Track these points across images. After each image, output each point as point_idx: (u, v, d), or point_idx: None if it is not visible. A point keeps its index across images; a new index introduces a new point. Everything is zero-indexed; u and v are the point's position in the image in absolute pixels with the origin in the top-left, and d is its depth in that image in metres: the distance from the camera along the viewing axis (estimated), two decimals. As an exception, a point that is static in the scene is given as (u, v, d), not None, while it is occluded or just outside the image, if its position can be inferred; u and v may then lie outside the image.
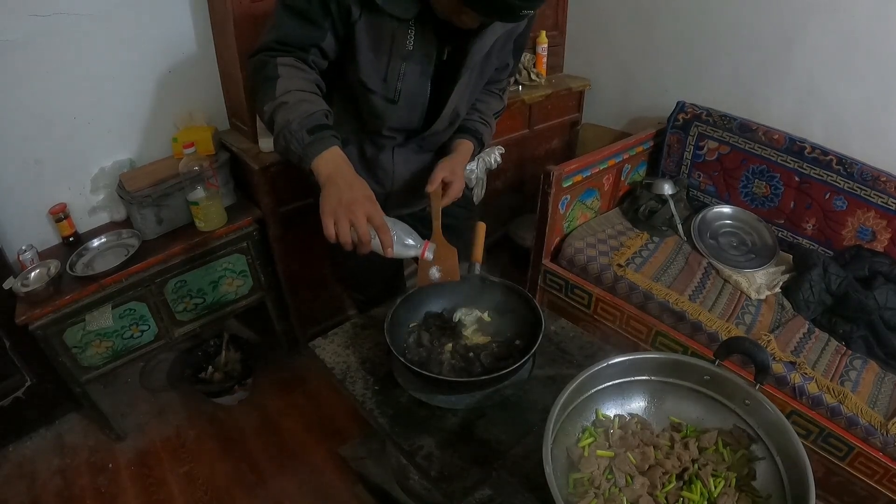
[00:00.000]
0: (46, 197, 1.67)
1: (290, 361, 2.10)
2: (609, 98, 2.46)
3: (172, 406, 1.96)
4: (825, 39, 1.73)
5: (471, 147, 1.18)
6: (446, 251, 1.02)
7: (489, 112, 1.24)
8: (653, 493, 0.77)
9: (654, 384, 0.90)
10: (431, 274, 1.02)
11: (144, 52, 1.70)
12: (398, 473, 1.32)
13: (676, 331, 1.66)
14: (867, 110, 1.72)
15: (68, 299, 1.50)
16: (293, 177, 1.73)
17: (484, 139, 1.21)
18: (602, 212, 2.14)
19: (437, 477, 0.86)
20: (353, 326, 1.17)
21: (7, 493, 1.66)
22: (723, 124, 1.97)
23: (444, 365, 1.00)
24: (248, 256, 1.80)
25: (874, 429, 1.33)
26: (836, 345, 1.57)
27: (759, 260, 1.87)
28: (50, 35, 1.52)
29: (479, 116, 1.21)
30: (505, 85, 1.28)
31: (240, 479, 1.69)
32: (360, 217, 0.87)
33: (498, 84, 1.25)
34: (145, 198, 1.61)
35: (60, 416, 1.90)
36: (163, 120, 1.83)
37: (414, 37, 0.96)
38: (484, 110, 1.23)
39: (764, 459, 0.80)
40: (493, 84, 1.23)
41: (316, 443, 1.80)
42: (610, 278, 1.79)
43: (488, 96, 1.24)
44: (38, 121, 1.59)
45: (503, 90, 1.28)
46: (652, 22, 2.17)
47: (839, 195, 1.75)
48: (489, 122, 1.23)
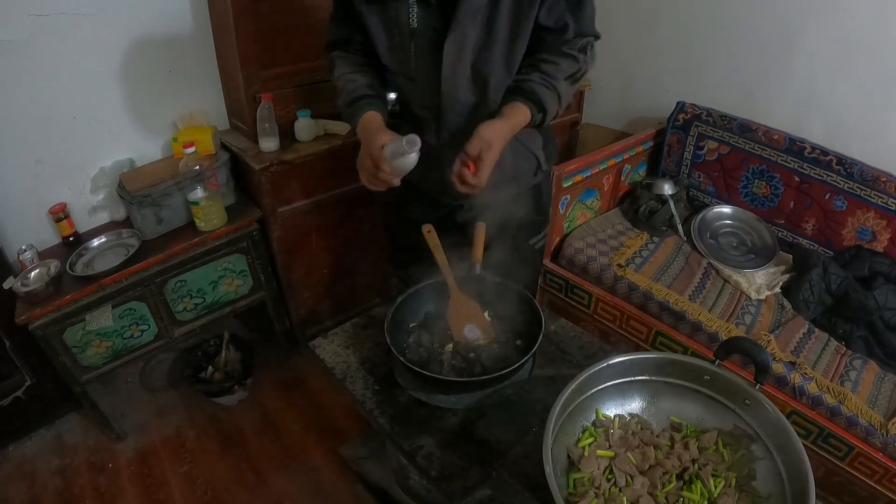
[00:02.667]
0: (46, 197, 1.67)
1: (290, 361, 2.10)
2: (609, 98, 2.46)
3: (172, 406, 1.95)
4: (825, 40, 1.73)
5: (522, 110, 1.00)
6: (468, 308, 1.06)
7: (556, 73, 1.03)
8: (653, 493, 0.78)
9: (654, 384, 0.90)
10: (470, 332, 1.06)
11: (144, 51, 1.70)
12: (398, 473, 1.32)
13: (676, 331, 1.66)
14: (867, 110, 1.72)
15: (68, 299, 1.50)
16: (293, 177, 1.73)
17: (544, 101, 1.01)
18: (602, 212, 2.14)
19: (437, 477, 0.86)
20: (353, 326, 1.17)
21: (7, 493, 1.66)
22: (723, 124, 1.97)
23: (444, 365, 1.00)
24: (248, 256, 1.80)
25: (874, 429, 1.33)
26: (836, 345, 1.57)
27: (759, 260, 1.87)
28: (50, 35, 1.52)
29: (540, 76, 1.02)
30: (583, 45, 1.05)
31: (240, 479, 1.69)
32: (366, 162, 1.00)
33: (567, 45, 1.04)
34: (145, 198, 1.60)
35: (60, 416, 1.90)
36: (163, 120, 1.83)
37: (417, 14, 1.00)
38: (548, 70, 1.03)
39: (764, 459, 0.80)
40: (564, 45, 1.04)
41: (316, 443, 1.80)
42: (610, 278, 1.79)
43: (557, 56, 1.04)
44: (38, 121, 1.59)
45: (581, 49, 1.05)
46: (652, 22, 2.17)
47: (839, 195, 1.75)
48: (554, 84, 1.02)
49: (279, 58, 1.69)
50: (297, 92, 1.76)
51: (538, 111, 1.01)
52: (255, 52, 1.63)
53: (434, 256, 1.06)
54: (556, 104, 1.04)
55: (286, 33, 1.67)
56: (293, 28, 1.67)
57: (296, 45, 1.70)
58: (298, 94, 1.77)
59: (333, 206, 1.87)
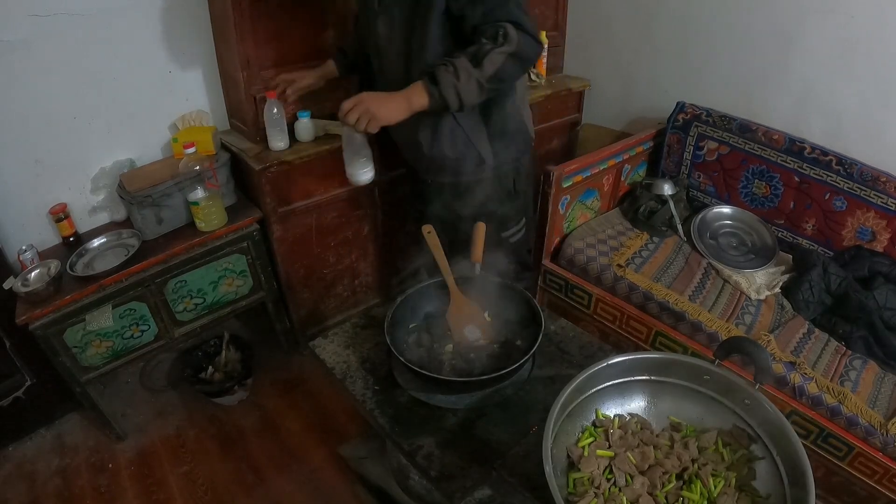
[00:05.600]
0: (46, 197, 1.67)
1: (290, 361, 2.10)
2: (609, 98, 2.47)
3: (172, 406, 1.96)
4: (824, 40, 1.73)
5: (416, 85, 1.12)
6: (469, 309, 1.07)
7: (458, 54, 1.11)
8: (653, 493, 0.78)
9: (654, 384, 0.90)
10: (470, 333, 1.06)
11: (145, 52, 1.70)
12: (398, 473, 1.32)
13: (676, 331, 1.66)
14: (866, 110, 1.72)
15: (68, 299, 1.50)
16: (293, 177, 1.73)
17: (436, 73, 1.10)
18: (602, 212, 2.14)
19: (437, 477, 0.86)
20: (353, 326, 1.17)
21: (7, 493, 1.66)
22: (723, 125, 1.97)
23: (444, 365, 1.00)
24: (248, 256, 1.80)
25: (874, 429, 1.33)
26: (835, 345, 1.57)
27: (758, 260, 1.87)
28: (50, 35, 1.52)
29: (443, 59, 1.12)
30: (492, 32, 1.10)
31: (240, 479, 1.69)
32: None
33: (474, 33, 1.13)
34: (145, 198, 1.61)
35: (60, 416, 1.90)
36: (163, 120, 1.83)
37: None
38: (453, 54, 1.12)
39: (764, 459, 0.80)
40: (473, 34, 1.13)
41: (316, 443, 1.80)
42: (610, 278, 1.79)
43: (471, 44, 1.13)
44: (38, 121, 1.59)
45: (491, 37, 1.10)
46: (652, 22, 2.18)
47: (839, 195, 1.75)
48: (451, 62, 1.10)
49: (279, 58, 1.69)
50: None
51: (431, 83, 1.11)
52: (255, 52, 1.63)
53: (434, 257, 1.07)
54: (451, 77, 1.09)
55: (286, 33, 1.67)
56: (293, 28, 1.67)
57: (296, 44, 1.70)
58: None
59: (333, 206, 1.87)
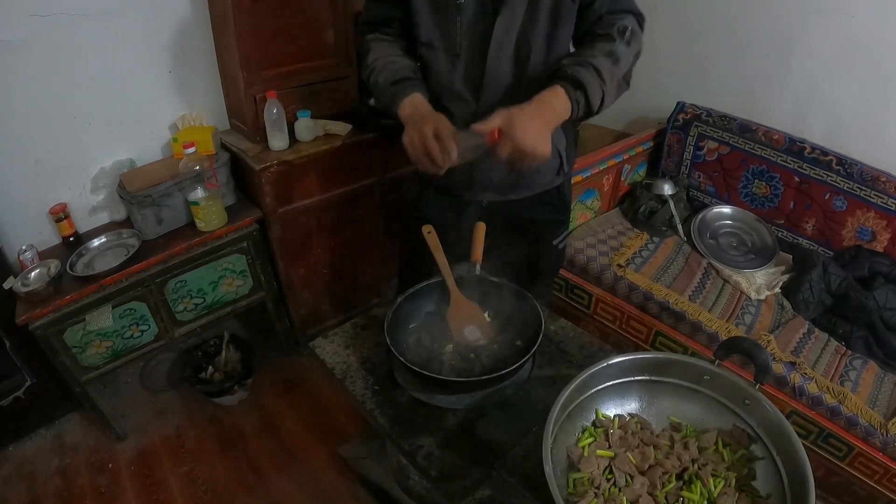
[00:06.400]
0: (46, 197, 1.67)
1: (290, 361, 2.10)
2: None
3: (172, 406, 1.96)
4: (825, 40, 1.73)
5: (553, 89, 0.95)
6: (469, 309, 1.06)
7: (590, 51, 1.00)
8: (653, 493, 0.77)
9: (654, 384, 0.90)
10: (470, 333, 1.05)
11: (145, 51, 1.70)
12: (398, 473, 1.32)
13: (676, 331, 1.66)
14: (867, 110, 1.72)
15: (68, 299, 1.50)
16: (293, 177, 1.73)
17: (579, 76, 0.95)
18: (602, 212, 2.14)
19: (437, 477, 0.86)
20: (353, 326, 1.17)
21: (7, 493, 1.66)
22: (723, 124, 1.97)
23: (444, 365, 1.00)
24: (248, 256, 1.80)
25: (874, 429, 1.33)
26: (835, 345, 1.58)
27: (758, 260, 1.87)
28: (50, 35, 1.51)
29: (570, 58, 1.00)
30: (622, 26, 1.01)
31: (240, 479, 1.69)
32: (427, 131, 0.95)
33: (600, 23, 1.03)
34: (145, 198, 1.60)
35: (60, 416, 1.90)
36: (163, 120, 1.83)
37: None
38: (580, 52, 1.01)
39: (764, 459, 0.80)
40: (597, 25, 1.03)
41: (316, 443, 1.80)
42: (610, 278, 1.79)
43: (591, 38, 1.03)
44: (38, 121, 1.59)
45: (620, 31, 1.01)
46: (652, 22, 2.15)
47: (839, 195, 1.75)
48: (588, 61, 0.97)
49: (279, 58, 1.69)
50: (297, 92, 1.76)
51: (574, 88, 0.95)
52: (255, 52, 1.63)
53: (434, 257, 1.07)
54: (596, 79, 0.96)
55: (286, 33, 1.67)
56: (293, 28, 1.67)
57: (296, 45, 1.70)
58: (298, 94, 1.77)
59: (333, 206, 1.87)
